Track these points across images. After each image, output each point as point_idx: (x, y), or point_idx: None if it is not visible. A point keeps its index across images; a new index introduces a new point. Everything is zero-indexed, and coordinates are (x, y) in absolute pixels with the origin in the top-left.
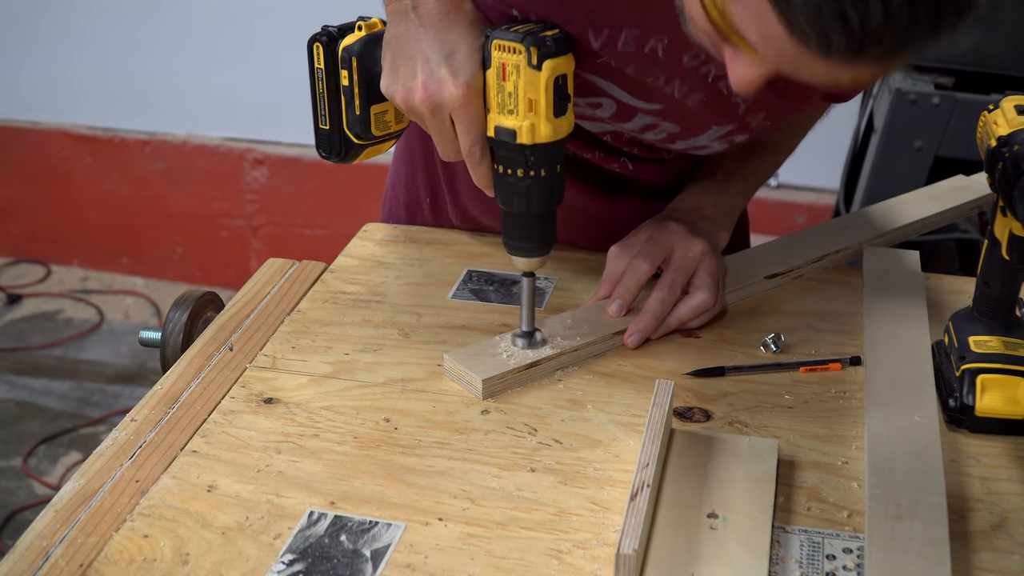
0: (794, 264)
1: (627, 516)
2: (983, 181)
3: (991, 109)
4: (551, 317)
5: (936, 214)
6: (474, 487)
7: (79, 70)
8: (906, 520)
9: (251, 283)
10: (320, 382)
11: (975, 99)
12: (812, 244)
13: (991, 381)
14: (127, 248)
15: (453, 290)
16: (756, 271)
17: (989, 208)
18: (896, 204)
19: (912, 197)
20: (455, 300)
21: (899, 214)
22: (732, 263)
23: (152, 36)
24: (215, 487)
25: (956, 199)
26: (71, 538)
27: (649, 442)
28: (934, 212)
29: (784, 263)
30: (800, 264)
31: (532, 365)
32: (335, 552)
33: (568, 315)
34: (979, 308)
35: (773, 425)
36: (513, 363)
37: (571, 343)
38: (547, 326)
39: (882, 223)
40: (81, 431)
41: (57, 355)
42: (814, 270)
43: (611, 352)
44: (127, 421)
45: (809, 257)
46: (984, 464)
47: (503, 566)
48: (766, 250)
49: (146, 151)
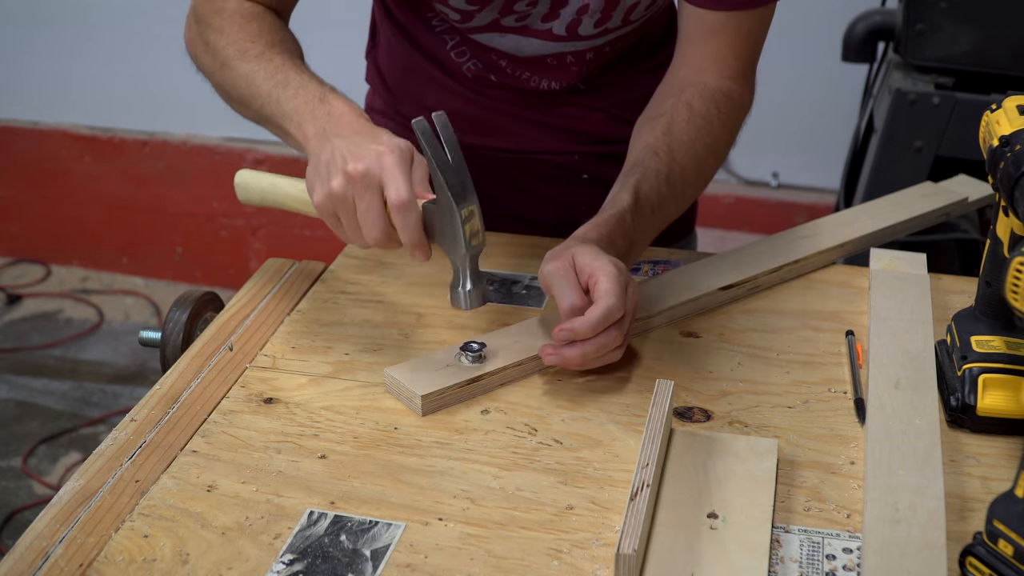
0: (749, 275)
1: (627, 516)
2: (951, 188)
3: (993, 109)
4: (497, 331)
5: (900, 223)
6: (474, 487)
7: (79, 70)
8: (903, 524)
9: (251, 283)
10: (320, 382)
11: (975, 99)
12: (771, 253)
13: (993, 381)
14: (127, 248)
15: None
16: (711, 281)
17: (956, 214)
18: (860, 212)
19: (878, 204)
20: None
21: (862, 223)
22: (690, 272)
23: (152, 36)
24: (215, 487)
25: (922, 207)
26: (71, 538)
27: (649, 442)
28: (898, 220)
29: (739, 273)
30: (756, 275)
31: (473, 381)
32: (335, 552)
33: (514, 328)
34: (981, 308)
35: (773, 425)
36: (454, 378)
37: (515, 358)
38: (492, 340)
39: (844, 232)
40: (81, 431)
41: (57, 355)
42: (771, 280)
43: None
44: (127, 421)
45: (766, 267)
46: (984, 464)
47: (503, 566)
48: (723, 259)
49: (146, 151)
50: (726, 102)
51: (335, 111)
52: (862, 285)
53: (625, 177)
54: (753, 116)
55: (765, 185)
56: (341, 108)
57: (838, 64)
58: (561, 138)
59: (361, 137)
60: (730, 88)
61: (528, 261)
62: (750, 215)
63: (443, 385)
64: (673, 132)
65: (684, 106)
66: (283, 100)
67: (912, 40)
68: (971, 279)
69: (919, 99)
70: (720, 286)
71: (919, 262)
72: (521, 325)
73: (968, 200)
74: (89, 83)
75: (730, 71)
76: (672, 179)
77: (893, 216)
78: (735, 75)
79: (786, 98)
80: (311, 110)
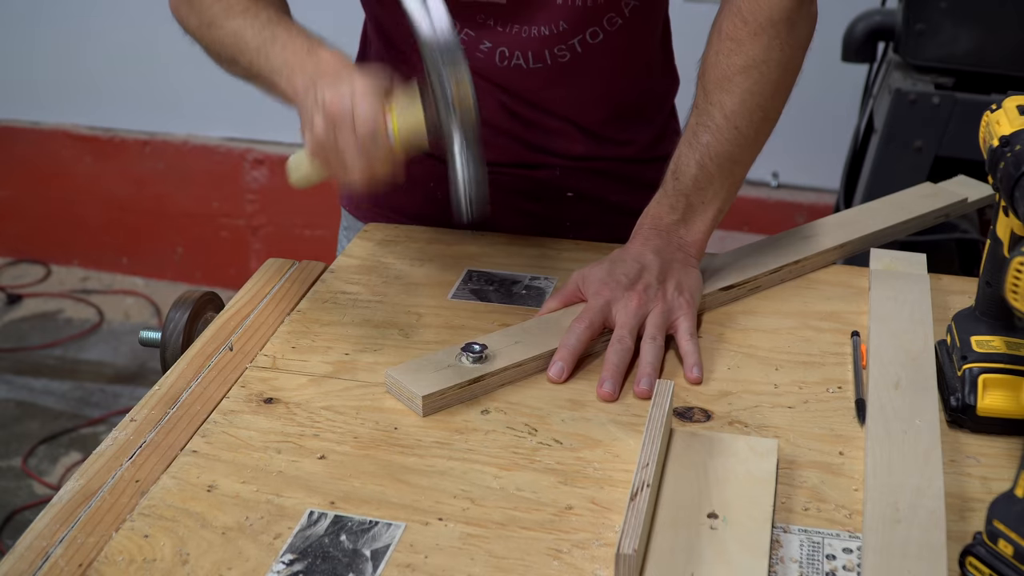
0: (750, 275)
1: (627, 516)
2: (951, 189)
3: (993, 109)
4: (497, 332)
5: (900, 223)
6: (474, 487)
7: (79, 70)
8: (904, 525)
9: (251, 283)
10: (320, 382)
11: (975, 99)
12: (772, 254)
13: (993, 381)
14: (127, 248)
15: (453, 290)
16: (711, 282)
17: (955, 215)
18: (860, 213)
19: (877, 205)
20: (455, 300)
21: (862, 223)
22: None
23: (152, 36)
24: (215, 487)
25: (922, 207)
26: (71, 538)
27: (649, 442)
28: (898, 221)
29: (740, 274)
30: (757, 275)
31: (475, 381)
32: (335, 552)
33: (515, 329)
34: (981, 308)
35: (773, 425)
36: (455, 379)
37: (516, 358)
38: (493, 340)
39: (844, 233)
40: (81, 431)
41: (57, 355)
42: (772, 281)
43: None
44: (126, 421)
45: (766, 268)
46: (984, 464)
47: (503, 566)
48: (723, 260)
49: (146, 151)
50: (751, 7)
51: (323, 60)
52: (862, 285)
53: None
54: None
55: (765, 185)
56: (328, 57)
57: (838, 64)
58: (542, 152)
59: (339, 77)
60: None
61: (528, 261)
62: (750, 215)
63: (444, 386)
64: (707, 69)
65: (715, 34)
66: (272, 55)
67: (912, 40)
68: (971, 279)
69: (919, 99)
70: (721, 287)
71: (919, 262)
72: (522, 326)
73: (968, 201)
74: (89, 83)
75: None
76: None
77: (893, 217)
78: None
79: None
80: (299, 62)
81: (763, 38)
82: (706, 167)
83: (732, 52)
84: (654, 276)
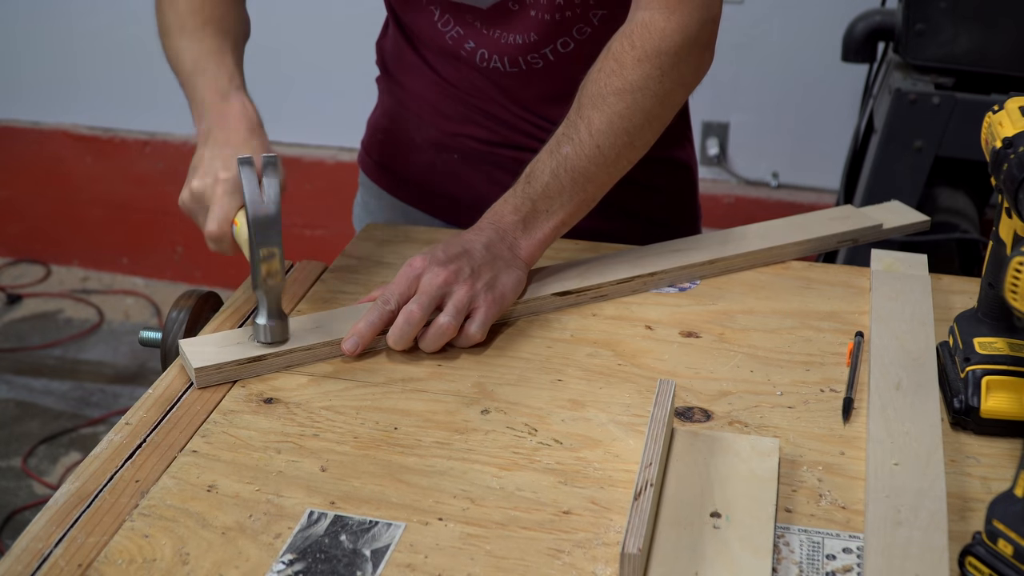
0: (592, 283)
1: (631, 515)
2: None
3: (995, 110)
4: (306, 315)
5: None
6: (474, 487)
7: (79, 70)
8: (905, 526)
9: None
10: (320, 382)
11: (975, 99)
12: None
13: (996, 383)
14: (127, 248)
15: None
16: (548, 287)
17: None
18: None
19: (778, 224)
20: None
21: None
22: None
23: (152, 36)
24: (215, 487)
25: (825, 230)
26: (71, 538)
27: (652, 441)
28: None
29: (583, 281)
30: (601, 283)
31: (255, 360)
32: (335, 552)
33: (324, 314)
34: (984, 309)
35: (773, 425)
36: (234, 355)
37: (307, 341)
38: (296, 323)
39: (719, 249)
40: (81, 431)
41: (57, 355)
42: (621, 291)
43: (611, 352)
44: (121, 424)
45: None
46: (984, 464)
47: (503, 566)
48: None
49: (146, 151)
50: (642, 34)
51: (229, 113)
52: (862, 285)
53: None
54: (753, 116)
55: (765, 185)
56: (236, 112)
57: (838, 64)
58: (537, 135)
59: (221, 154)
60: (650, 18)
61: None
62: (750, 215)
63: (221, 360)
64: (586, 84)
65: (604, 51)
66: (197, 87)
67: (912, 40)
68: (972, 279)
69: (919, 99)
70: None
71: (920, 263)
72: (331, 312)
73: (882, 227)
74: (89, 83)
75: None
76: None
77: (783, 238)
78: (657, 4)
79: (786, 98)
80: (211, 105)
81: (646, 66)
82: (559, 177)
83: (613, 73)
84: (472, 265)
